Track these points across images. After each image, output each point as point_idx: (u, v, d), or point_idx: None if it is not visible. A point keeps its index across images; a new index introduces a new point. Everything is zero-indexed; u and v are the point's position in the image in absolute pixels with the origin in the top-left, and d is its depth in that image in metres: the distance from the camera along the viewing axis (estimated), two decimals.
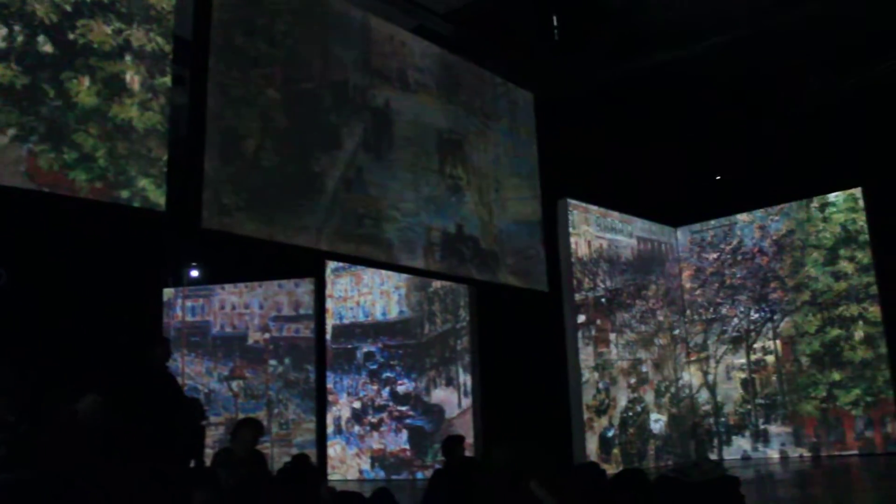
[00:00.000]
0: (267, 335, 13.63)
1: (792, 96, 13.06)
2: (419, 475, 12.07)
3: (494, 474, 4.71)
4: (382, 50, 9.23)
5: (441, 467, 6.38)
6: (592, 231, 12.07)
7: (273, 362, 13.54)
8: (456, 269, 9.63)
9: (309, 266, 13.48)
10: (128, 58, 6.83)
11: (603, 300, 11.96)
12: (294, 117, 7.98)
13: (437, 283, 12.42)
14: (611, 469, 9.65)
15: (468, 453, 9.43)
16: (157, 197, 6.83)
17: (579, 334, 11.38)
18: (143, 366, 6.92)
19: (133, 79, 6.82)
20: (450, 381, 12.31)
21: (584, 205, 12.06)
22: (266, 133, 7.67)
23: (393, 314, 13.02)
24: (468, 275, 9.83)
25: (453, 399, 12.23)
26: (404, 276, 12.27)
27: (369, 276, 13.15)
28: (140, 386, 6.69)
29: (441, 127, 9.78)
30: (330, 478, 12.63)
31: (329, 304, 13.56)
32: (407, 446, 12.55)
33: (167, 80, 7.07)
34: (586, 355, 11.42)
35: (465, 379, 12.13)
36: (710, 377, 13.36)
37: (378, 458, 12.73)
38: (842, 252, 12.61)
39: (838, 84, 12.70)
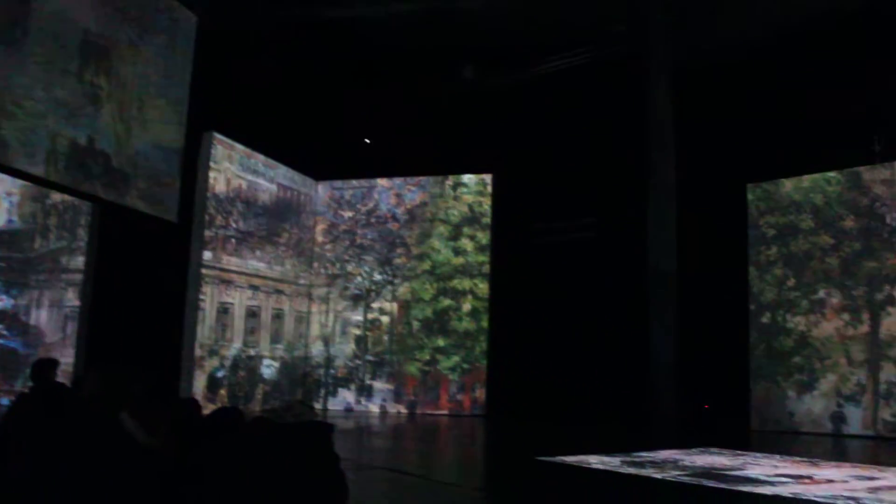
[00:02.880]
0: None
1: (448, 80, 13.78)
2: (4, 401, 11.07)
3: (84, 402, 4.44)
4: None
5: (26, 392, 5.89)
6: (234, 169, 11.81)
7: None
8: (80, 183, 8.92)
9: None
10: None
11: (233, 240, 11.78)
12: None
13: (56, 196, 11.42)
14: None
15: (62, 380, 8.83)
16: None
17: (203, 271, 11.10)
18: None
19: None
20: (54, 303, 11.43)
21: (230, 141, 11.76)
22: None
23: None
24: (93, 192, 9.16)
25: (56, 322, 11.38)
26: (19, 182, 11.10)
27: None
28: None
29: (89, 28, 8.96)
30: None
31: None
32: None
33: None
34: (207, 293, 11.17)
35: (72, 301, 11.33)
36: (327, 330, 13.74)
37: None
38: (465, 230, 13.56)
39: (490, 78, 13.62)
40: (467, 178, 13.73)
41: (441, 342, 13.29)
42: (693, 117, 12.10)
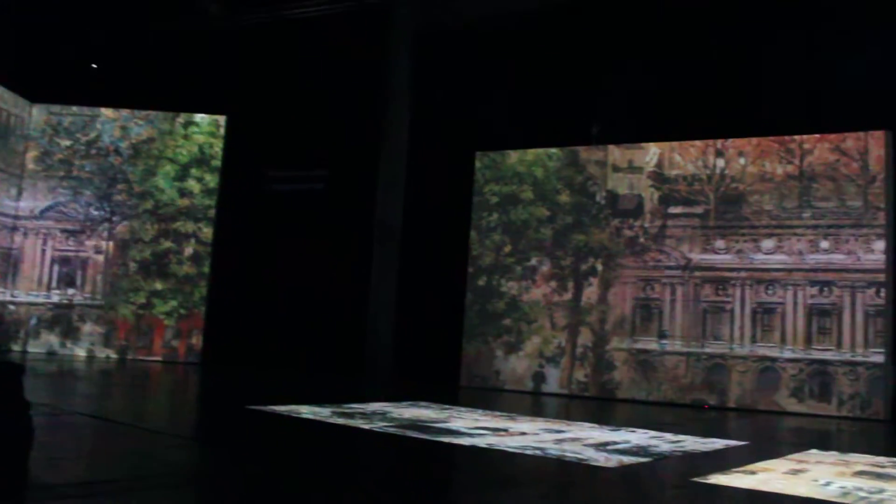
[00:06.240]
0: None
1: (190, 12, 13.22)
2: None
3: None
4: None
5: None
6: None
7: None
8: None
9: None
10: None
11: None
12: None
13: None
14: None
15: None
16: None
17: None
18: None
19: None
20: None
21: None
22: None
23: None
24: None
25: None
26: None
27: None
28: None
29: None
30: None
31: None
32: None
33: None
34: None
35: None
36: (34, 268, 12.76)
37: None
38: (193, 171, 13.05)
39: (234, 17, 13.20)
40: (200, 117, 13.18)
41: (159, 286, 12.76)
42: (431, 80, 12.39)
